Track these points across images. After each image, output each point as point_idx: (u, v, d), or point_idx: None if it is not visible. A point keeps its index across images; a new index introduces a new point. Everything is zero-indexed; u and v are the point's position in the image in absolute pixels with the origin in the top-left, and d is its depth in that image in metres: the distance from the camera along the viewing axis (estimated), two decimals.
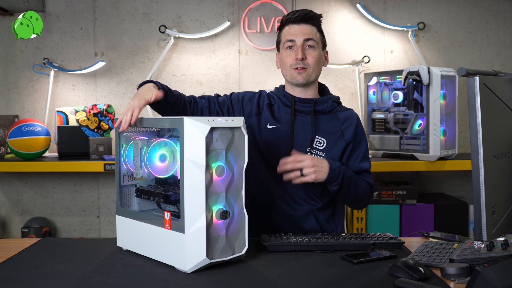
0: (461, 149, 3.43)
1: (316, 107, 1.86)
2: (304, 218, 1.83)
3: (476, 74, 1.23)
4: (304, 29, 1.84)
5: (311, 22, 1.85)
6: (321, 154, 1.82)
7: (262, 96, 1.94)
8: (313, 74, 1.85)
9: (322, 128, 1.85)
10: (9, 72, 3.47)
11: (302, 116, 1.86)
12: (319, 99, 1.88)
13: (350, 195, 1.78)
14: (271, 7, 3.44)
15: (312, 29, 1.85)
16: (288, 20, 1.86)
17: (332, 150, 1.83)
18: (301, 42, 1.83)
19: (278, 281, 1.32)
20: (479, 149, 1.21)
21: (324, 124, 1.86)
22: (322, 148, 1.83)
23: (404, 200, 3.12)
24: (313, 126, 1.84)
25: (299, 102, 1.87)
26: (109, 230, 3.54)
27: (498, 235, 1.27)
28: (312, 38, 1.84)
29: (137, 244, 1.54)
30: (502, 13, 3.56)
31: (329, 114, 1.88)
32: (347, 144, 1.85)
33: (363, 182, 1.82)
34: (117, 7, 3.46)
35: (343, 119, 1.87)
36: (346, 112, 1.90)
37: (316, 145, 1.83)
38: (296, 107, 1.87)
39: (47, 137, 3.05)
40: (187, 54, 3.47)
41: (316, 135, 1.84)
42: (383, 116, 3.23)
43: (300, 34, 1.83)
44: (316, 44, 1.85)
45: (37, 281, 1.32)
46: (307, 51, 1.83)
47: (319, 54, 1.86)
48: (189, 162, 1.34)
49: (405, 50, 3.52)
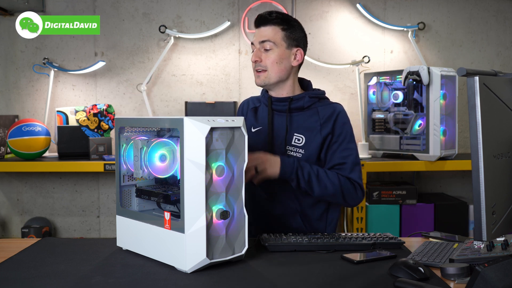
0: (461, 149, 3.43)
1: (292, 104, 1.87)
2: (290, 217, 1.85)
3: (476, 74, 1.23)
4: (261, 31, 1.85)
5: (269, 23, 1.84)
6: (300, 151, 1.83)
7: (246, 104, 2.01)
8: (273, 75, 1.84)
9: (300, 124, 1.85)
10: (9, 72, 3.47)
11: (280, 115, 1.88)
12: (295, 96, 1.88)
13: (314, 190, 1.75)
14: (271, 7, 3.43)
15: (271, 29, 1.83)
16: (254, 24, 1.90)
17: (311, 146, 1.82)
18: (258, 45, 1.85)
19: (278, 281, 1.32)
20: (479, 149, 1.21)
21: (303, 120, 1.86)
22: (301, 145, 1.83)
23: (404, 200, 3.12)
24: (287, 123, 1.85)
25: (276, 101, 1.89)
26: (109, 230, 3.54)
27: (498, 235, 1.27)
28: (267, 40, 1.82)
29: (137, 244, 1.54)
30: (502, 13, 3.56)
31: (308, 110, 1.87)
32: (323, 139, 1.82)
33: (333, 177, 1.77)
34: (117, 7, 3.46)
35: (324, 114, 1.85)
36: (328, 107, 1.87)
37: (294, 142, 1.84)
38: (273, 107, 1.89)
39: (47, 137, 3.05)
40: (187, 54, 3.47)
41: (295, 133, 1.84)
42: (383, 116, 3.23)
43: (258, 37, 1.86)
44: (274, 45, 1.83)
45: (37, 281, 1.32)
46: (263, 54, 1.84)
47: (278, 54, 1.83)
48: (189, 162, 1.34)
49: (405, 50, 3.52)
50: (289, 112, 1.87)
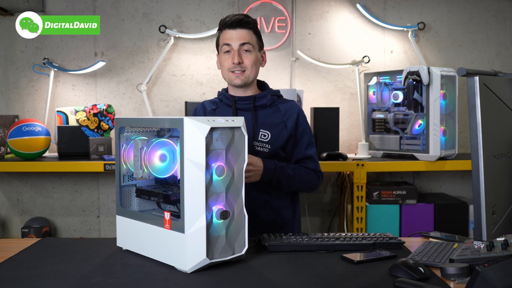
0: (461, 149, 3.43)
1: (256, 102, 1.95)
2: (260, 208, 1.91)
3: (476, 74, 1.23)
4: (240, 34, 1.90)
5: (247, 26, 1.91)
6: (266, 145, 1.91)
7: (202, 107, 2.05)
8: (251, 76, 1.93)
9: (265, 121, 1.93)
10: (9, 72, 3.47)
11: (244, 113, 1.94)
12: (258, 94, 1.96)
13: (291, 188, 1.93)
14: (271, 7, 3.44)
15: (248, 33, 1.91)
16: (225, 25, 1.92)
17: (277, 141, 1.92)
18: (237, 47, 1.90)
19: (278, 281, 1.32)
20: (479, 149, 1.21)
21: (267, 117, 1.94)
22: (267, 140, 1.92)
23: (404, 200, 3.12)
24: (253, 120, 1.92)
25: (240, 100, 1.96)
26: (109, 230, 3.54)
27: (498, 235, 1.27)
28: (247, 42, 1.90)
29: (137, 244, 1.54)
30: (502, 13, 3.56)
31: (270, 107, 1.96)
32: (290, 135, 1.93)
33: (304, 173, 1.93)
34: (117, 7, 3.46)
35: (285, 111, 1.96)
36: (287, 104, 1.98)
37: (261, 138, 1.92)
38: (237, 106, 1.95)
39: (47, 137, 3.05)
40: (187, 54, 3.47)
41: (261, 129, 1.92)
42: (383, 116, 3.23)
43: (236, 39, 1.89)
44: (252, 48, 1.91)
45: (37, 281, 1.32)
46: (243, 55, 1.90)
47: (256, 56, 1.93)
48: (189, 162, 1.34)
49: (405, 50, 3.52)
50: (254, 110, 1.94)
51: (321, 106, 3.45)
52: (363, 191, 3.03)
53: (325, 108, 3.27)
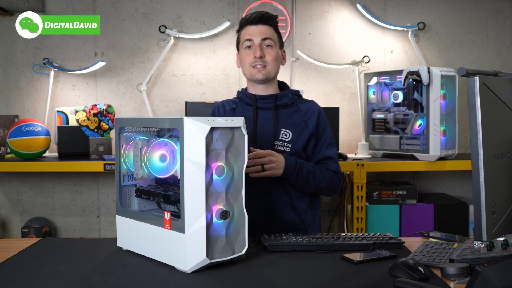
0: (461, 149, 3.43)
1: (277, 101, 1.94)
2: (282, 210, 1.89)
3: (476, 74, 1.23)
4: (261, 29, 1.92)
5: (268, 22, 1.94)
6: (288, 145, 1.90)
7: (222, 106, 2.03)
8: (272, 71, 1.94)
9: (286, 120, 1.93)
10: (9, 72, 3.47)
11: (265, 112, 1.94)
12: (279, 93, 1.96)
13: (310, 187, 1.87)
14: (271, 7, 3.44)
15: (269, 29, 1.94)
16: (246, 22, 1.95)
17: (298, 140, 1.91)
18: (259, 41, 1.91)
19: (278, 281, 1.32)
20: (479, 149, 1.21)
21: (288, 117, 1.94)
22: (288, 139, 1.90)
23: (404, 200, 3.12)
24: (274, 119, 1.91)
25: (260, 99, 1.95)
26: (109, 230, 3.54)
27: (498, 235, 1.27)
28: (269, 38, 1.92)
29: (137, 244, 1.54)
30: (502, 13, 3.56)
31: (291, 107, 1.96)
32: (311, 135, 1.92)
33: (325, 173, 1.89)
34: (117, 7, 3.46)
35: (305, 110, 1.95)
36: (307, 104, 1.99)
37: (282, 137, 1.91)
38: (258, 105, 1.95)
39: (47, 137, 3.05)
40: (187, 54, 3.47)
41: (282, 128, 1.91)
42: (383, 116, 3.23)
43: (258, 34, 1.92)
44: (274, 43, 1.93)
45: (37, 281, 1.32)
46: (265, 50, 1.92)
47: (277, 52, 1.95)
48: (189, 162, 1.34)
49: (405, 50, 3.52)
50: (275, 108, 1.93)
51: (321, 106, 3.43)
52: (363, 191, 3.03)
53: (325, 108, 3.25)
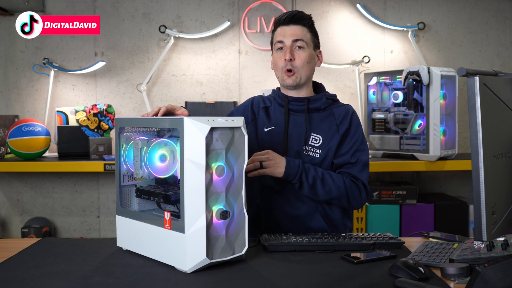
0: (461, 149, 3.43)
1: (310, 105, 1.87)
2: (309, 217, 1.82)
3: (476, 74, 1.23)
4: (293, 30, 1.85)
5: (300, 23, 1.86)
6: (317, 151, 1.82)
7: (256, 101, 1.97)
8: (303, 76, 1.86)
9: (317, 125, 1.85)
10: (9, 72, 3.47)
11: (297, 115, 1.88)
12: (312, 97, 1.89)
13: (319, 194, 1.75)
14: (271, 7, 3.44)
15: (302, 29, 1.86)
16: (279, 22, 1.88)
17: (329, 146, 1.82)
18: (290, 43, 1.84)
19: (278, 281, 1.32)
20: (479, 149, 1.21)
21: (320, 121, 1.86)
22: (318, 145, 1.83)
23: (404, 200, 3.12)
24: (306, 123, 1.85)
25: (293, 101, 1.88)
26: (109, 230, 3.54)
27: (498, 235, 1.27)
28: (301, 39, 1.84)
29: (137, 244, 1.54)
30: (502, 13, 3.56)
31: (324, 111, 1.88)
32: (341, 138, 1.83)
33: (338, 180, 1.76)
34: (117, 7, 3.46)
35: (339, 115, 1.87)
36: (342, 108, 1.89)
37: (312, 142, 1.83)
38: (290, 107, 1.88)
39: (47, 137, 3.05)
40: (187, 54, 3.47)
41: (312, 133, 1.84)
42: (383, 116, 3.23)
43: (289, 35, 1.84)
44: (306, 45, 1.85)
45: (37, 281, 1.32)
46: (296, 52, 1.84)
47: (309, 54, 1.86)
48: (189, 162, 1.34)
49: (405, 50, 3.52)
50: (308, 112, 1.87)
51: None
52: None
53: None
